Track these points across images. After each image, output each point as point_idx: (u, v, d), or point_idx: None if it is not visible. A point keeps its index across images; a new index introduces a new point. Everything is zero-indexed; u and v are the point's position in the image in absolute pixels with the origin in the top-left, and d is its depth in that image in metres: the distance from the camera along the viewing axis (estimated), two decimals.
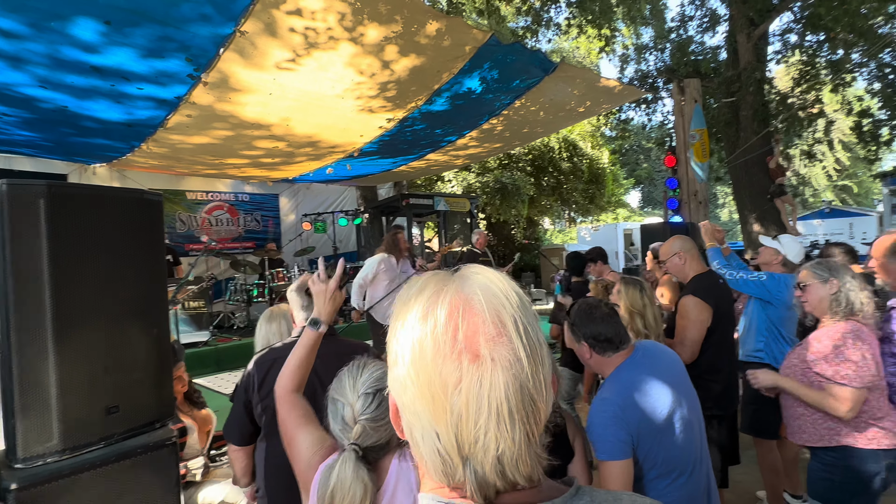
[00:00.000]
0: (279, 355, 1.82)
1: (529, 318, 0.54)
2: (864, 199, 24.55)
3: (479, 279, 0.55)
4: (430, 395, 0.51)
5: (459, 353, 0.50)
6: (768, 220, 8.72)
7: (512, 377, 0.50)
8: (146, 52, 3.58)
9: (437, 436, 0.51)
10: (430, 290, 0.55)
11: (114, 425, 1.67)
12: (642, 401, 1.60)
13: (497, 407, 0.49)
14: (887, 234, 2.33)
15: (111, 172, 7.04)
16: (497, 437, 0.49)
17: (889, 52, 7.93)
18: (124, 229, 1.71)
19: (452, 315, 0.52)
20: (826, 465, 2.02)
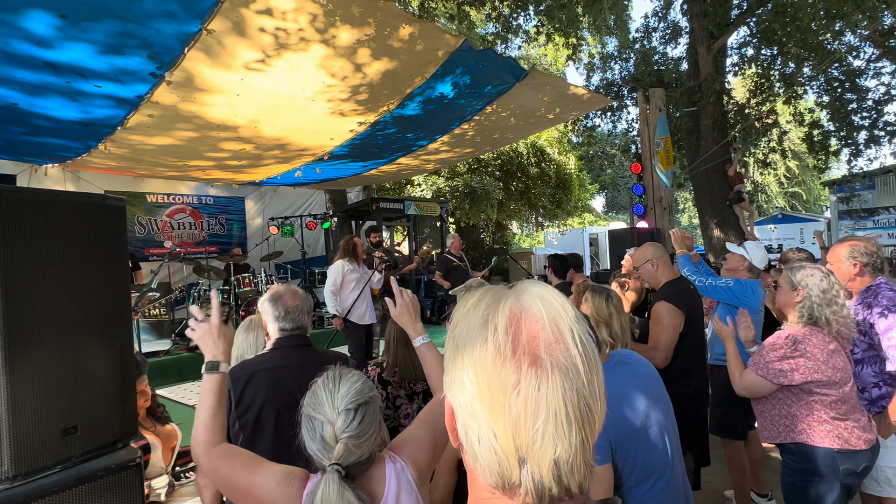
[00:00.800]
0: (257, 368, 1.75)
1: (584, 330, 0.55)
2: (812, 206, 25.88)
3: (537, 290, 0.57)
4: (490, 395, 0.51)
5: (519, 356, 0.51)
6: (727, 225, 9.05)
7: (569, 382, 0.51)
8: (105, 48, 3.41)
9: (495, 435, 0.51)
10: (489, 299, 0.57)
11: (72, 447, 1.56)
12: (617, 406, 1.60)
13: (555, 410, 0.50)
14: (840, 241, 2.47)
15: (64, 173, 6.69)
16: (555, 438, 0.50)
17: (837, 68, 8.38)
18: (84, 237, 1.60)
19: (513, 320, 0.53)
20: (789, 469, 2.11)
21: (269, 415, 1.71)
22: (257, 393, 1.71)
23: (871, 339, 2.24)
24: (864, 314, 2.28)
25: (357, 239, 5.30)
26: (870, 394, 2.29)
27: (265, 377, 1.73)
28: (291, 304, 1.80)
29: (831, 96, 8.64)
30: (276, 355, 1.78)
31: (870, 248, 2.34)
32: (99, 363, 1.64)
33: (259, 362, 1.77)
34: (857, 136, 8.44)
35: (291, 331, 1.80)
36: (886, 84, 8.36)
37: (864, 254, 2.32)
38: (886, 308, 2.19)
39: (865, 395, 2.29)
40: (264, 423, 1.70)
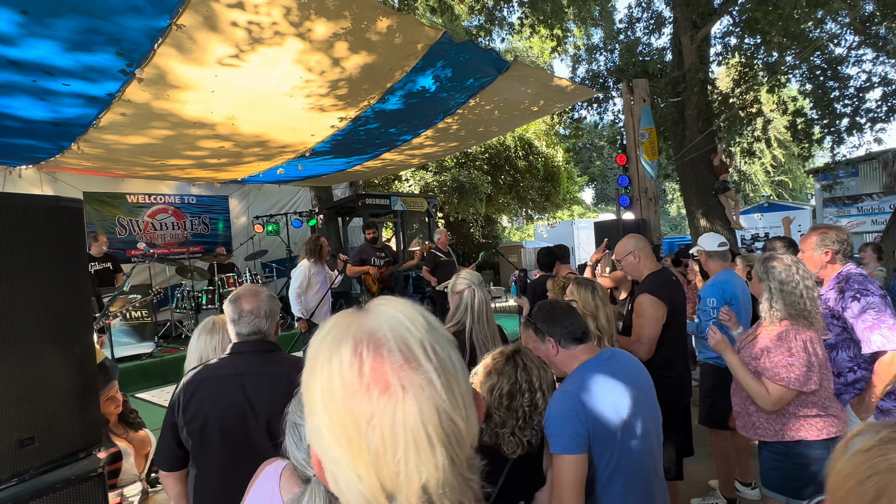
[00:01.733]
0: (208, 375, 1.70)
1: (438, 339, 0.53)
2: (798, 194, 26.13)
3: (384, 310, 0.55)
4: (346, 437, 0.49)
5: (368, 387, 0.49)
6: (713, 215, 9.09)
7: (426, 401, 0.49)
8: (71, 45, 3.30)
9: (359, 478, 0.48)
10: (335, 330, 0.54)
11: (29, 459, 1.50)
12: (602, 399, 1.60)
13: (414, 435, 0.48)
14: (810, 230, 2.51)
15: (40, 175, 6.54)
16: (418, 465, 0.48)
17: (819, 56, 8.42)
18: (35, 241, 1.53)
19: (357, 350, 0.51)
20: (778, 455, 2.09)
21: (214, 426, 1.66)
22: (203, 402, 1.66)
23: (844, 324, 2.27)
24: (836, 298, 2.31)
25: (323, 239, 5.33)
26: (845, 378, 2.32)
27: (213, 386, 1.67)
28: (248, 307, 1.72)
29: (814, 84, 8.68)
30: (229, 362, 1.72)
31: (840, 236, 2.38)
32: (56, 372, 1.58)
33: (211, 369, 1.71)
34: (840, 124, 8.49)
35: (247, 336, 1.73)
36: (867, 71, 8.42)
37: (836, 241, 2.37)
38: (858, 292, 2.23)
39: (841, 380, 2.32)
40: (209, 433, 1.66)
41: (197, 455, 1.68)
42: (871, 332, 2.17)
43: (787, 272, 2.09)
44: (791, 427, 2.04)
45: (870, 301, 2.19)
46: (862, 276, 2.31)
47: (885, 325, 2.14)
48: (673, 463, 2.64)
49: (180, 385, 1.71)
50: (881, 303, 2.18)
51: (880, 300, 2.19)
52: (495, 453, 1.54)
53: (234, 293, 1.78)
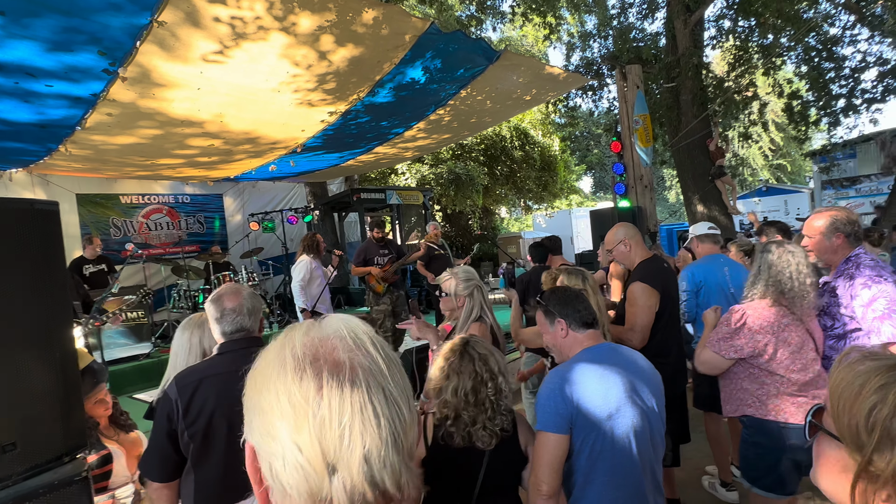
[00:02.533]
0: (205, 374, 1.68)
1: (384, 343, 0.56)
2: (797, 177, 26.05)
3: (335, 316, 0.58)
4: (291, 408, 0.49)
5: (320, 365, 0.50)
6: (710, 200, 9.05)
7: (373, 380, 0.50)
8: (52, 45, 3.26)
9: (300, 449, 0.47)
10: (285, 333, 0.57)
11: (11, 465, 1.48)
12: (590, 385, 1.59)
13: (360, 405, 0.49)
14: (817, 213, 2.40)
15: (31, 178, 6.50)
16: (362, 433, 0.48)
17: (813, 37, 8.34)
18: (10, 244, 1.51)
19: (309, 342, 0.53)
20: (743, 441, 2.17)
21: (220, 423, 1.63)
22: (206, 401, 1.63)
23: (851, 313, 2.17)
24: (845, 285, 2.21)
25: (319, 236, 5.49)
26: None
27: (214, 383, 1.64)
28: (230, 306, 1.71)
29: (809, 66, 8.60)
30: (222, 360, 1.70)
31: (851, 218, 2.27)
32: (36, 376, 1.57)
33: (205, 368, 1.69)
34: (836, 105, 8.43)
35: (232, 334, 1.71)
36: (863, 51, 8.33)
37: (847, 223, 2.25)
38: (870, 278, 2.12)
39: None
40: (215, 431, 1.63)
41: (199, 458, 1.64)
42: (882, 321, 2.07)
43: (780, 255, 2.09)
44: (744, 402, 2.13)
45: (882, 289, 2.08)
46: (874, 260, 2.19)
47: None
48: (669, 450, 2.63)
49: (170, 390, 1.66)
50: (894, 290, 2.07)
51: (893, 287, 2.08)
52: (470, 450, 1.53)
53: (215, 292, 1.76)
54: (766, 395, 2.05)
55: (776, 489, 2.05)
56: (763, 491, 2.07)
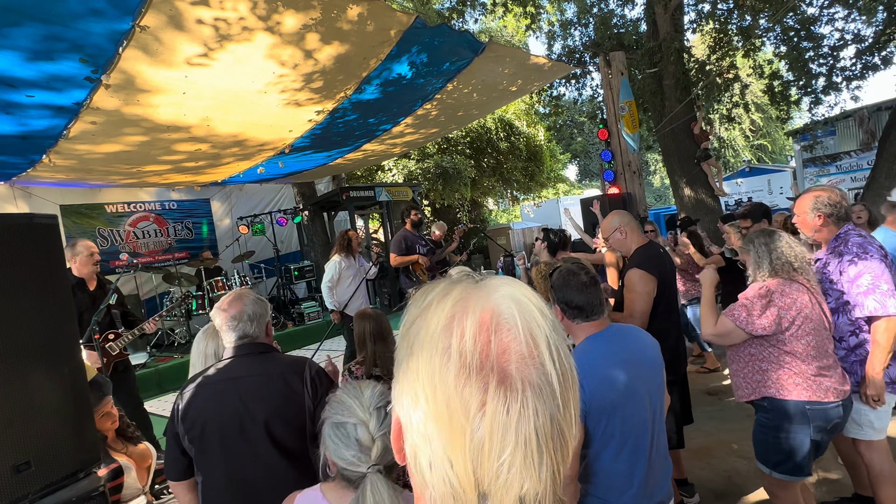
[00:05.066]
0: (204, 382, 1.69)
1: (561, 341, 0.48)
2: (778, 156, 26.39)
3: (510, 290, 0.48)
4: (448, 416, 0.43)
5: (487, 372, 0.43)
6: (697, 183, 9.15)
7: (542, 405, 0.44)
8: (32, 54, 3.18)
9: (451, 464, 0.43)
10: (456, 295, 0.48)
11: (26, 484, 1.47)
12: (600, 373, 1.63)
13: (525, 438, 0.43)
14: (805, 192, 2.47)
15: (13, 191, 6.36)
16: (522, 472, 0.43)
17: (792, 17, 8.43)
18: (11, 261, 1.49)
19: (483, 327, 0.45)
20: (762, 427, 2.15)
21: (213, 433, 1.66)
22: (201, 409, 1.66)
23: (842, 288, 2.25)
24: (835, 262, 2.28)
25: (352, 233, 5.34)
26: (847, 343, 2.30)
27: (208, 392, 1.67)
28: (231, 313, 1.72)
29: (788, 46, 8.70)
30: (223, 368, 1.72)
31: (833, 198, 2.32)
32: (46, 393, 1.55)
33: (207, 376, 1.71)
34: (816, 84, 8.54)
35: (237, 341, 1.73)
36: (840, 29, 8.44)
37: (828, 204, 2.31)
38: (856, 255, 2.19)
39: (843, 345, 2.31)
40: (208, 440, 1.65)
41: (199, 462, 1.68)
42: (866, 296, 2.14)
43: (769, 237, 2.16)
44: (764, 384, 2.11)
45: (867, 265, 2.14)
46: (861, 237, 2.25)
47: (880, 290, 2.11)
48: (673, 432, 2.68)
49: (179, 394, 1.71)
50: (879, 266, 2.13)
51: (879, 263, 2.14)
52: None
53: (219, 301, 1.75)
54: (786, 375, 2.05)
55: (798, 472, 2.05)
56: (785, 475, 2.07)
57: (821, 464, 3.10)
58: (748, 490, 2.94)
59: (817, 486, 2.92)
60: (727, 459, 3.33)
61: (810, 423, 2.02)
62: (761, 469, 2.17)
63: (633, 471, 1.64)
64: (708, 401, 4.24)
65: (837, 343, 2.30)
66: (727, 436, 3.58)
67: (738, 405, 3.43)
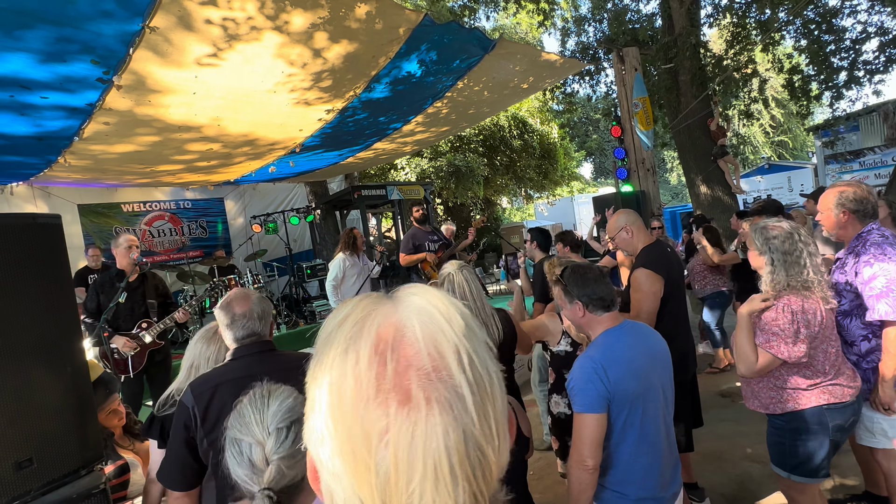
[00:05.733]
0: (220, 381, 1.66)
1: (477, 347, 0.44)
2: (799, 153, 25.81)
3: (416, 301, 0.45)
4: (351, 450, 0.41)
5: (386, 394, 0.40)
6: (713, 181, 8.99)
7: (452, 422, 0.40)
8: (45, 56, 3.24)
9: (361, 502, 0.41)
10: (355, 316, 0.45)
11: (28, 481, 1.49)
12: (622, 365, 1.70)
13: (434, 462, 0.39)
14: (829, 188, 2.37)
15: (32, 191, 6.50)
16: (435, 499, 0.39)
17: (812, 9, 8.22)
18: (14, 260, 1.50)
19: (379, 347, 0.42)
20: (777, 430, 2.08)
21: None
22: (224, 406, 1.61)
23: (856, 290, 2.15)
24: (852, 263, 2.19)
25: (357, 231, 5.27)
26: (859, 347, 2.20)
27: (230, 388, 1.62)
28: (239, 311, 1.71)
29: (809, 39, 8.48)
30: (237, 365, 1.69)
31: (858, 194, 2.20)
32: (50, 390, 1.57)
33: (221, 374, 1.68)
34: (837, 78, 8.32)
35: (243, 339, 1.71)
36: (863, 22, 8.21)
37: (853, 200, 2.20)
38: (873, 256, 2.09)
39: (855, 350, 2.21)
40: None
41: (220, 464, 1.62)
42: (878, 300, 2.05)
43: (790, 241, 1.99)
44: (786, 399, 2.02)
45: (883, 267, 2.05)
46: (883, 237, 2.13)
47: (893, 294, 2.01)
48: (682, 434, 2.62)
49: (186, 399, 1.64)
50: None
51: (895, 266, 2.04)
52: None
53: (224, 298, 1.75)
54: (803, 386, 1.98)
55: (817, 473, 2.00)
56: (804, 477, 2.01)
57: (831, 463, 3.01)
58: (762, 495, 2.86)
59: (830, 489, 2.84)
60: (740, 464, 3.25)
61: (829, 424, 1.96)
62: (778, 473, 2.11)
63: (652, 463, 1.70)
64: (721, 403, 4.15)
65: (849, 348, 2.21)
66: (740, 439, 3.50)
67: (750, 410, 3.35)
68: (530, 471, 3.55)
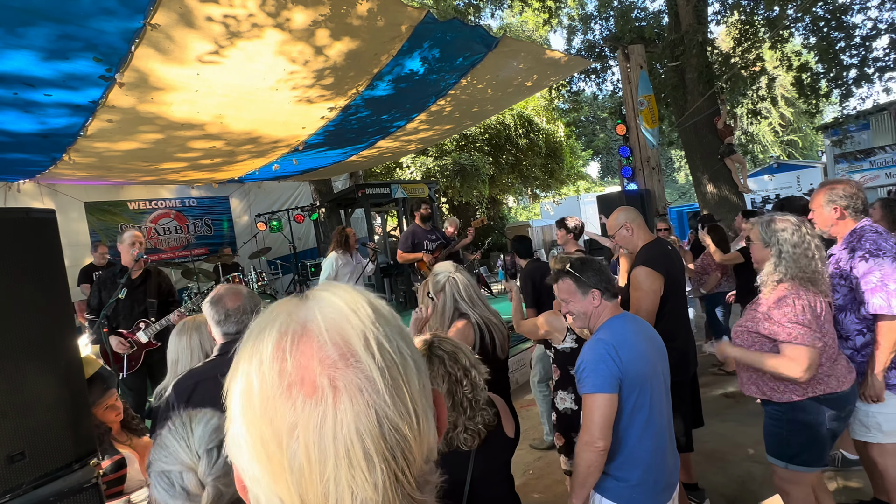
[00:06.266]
0: (202, 378, 1.67)
1: (387, 331, 0.45)
2: (809, 152, 25.53)
3: (322, 296, 0.47)
4: (265, 451, 0.41)
5: (289, 388, 0.41)
6: (720, 179, 8.90)
7: (363, 406, 0.41)
8: (48, 53, 3.26)
9: (281, 501, 0.41)
10: (262, 322, 0.46)
11: (21, 474, 1.49)
12: (633, 347, 1.75)
13: (346, 448, 0.40)
14: (821, 186, 2.39)
15: (39, 188, 6.56)
16: (352, 485, 0.40)
17: (821, 6, 8.11)
18: (8, 254, 1.51)
19: (280, 344, 0.43)
20: (774, 420, 2.08)
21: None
22: (203, 402, 1.63)
23: (851, 284, 2.17)
24: (847, 258, 2.21)
25: (349, 230, 5.28)
26: (854, 342, 2.22)
27: (210, 387, 1.64)
28: (232, 306, 1.71)
29: (818, 37, 8.38)
30: (220, 362, 1.70)
31: (848, 191, 2.23)
32: (43, 385, 1.57)
33: (203, 371, 1.69)
34: (847, 76, 8.21)
35: (234, 335, 1.71)
36: (873, 19, 8.09)
37: (843, 197, 2.23)
38: (868, 252, 2.11)
39: (850, 344, 2.23)
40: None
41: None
42: (873, 294, 2.08)
43: (798, 234, 1.98)
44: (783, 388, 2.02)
45: (878, 262, 2.08)
46: (877, 233, 2.17)
47: (887, 289, 2.05)
48: (682, 434, 2.59)
49: (170, 396, 1.66)
50: (891, 266, 2.06)
51: (891, 262, 2.06)
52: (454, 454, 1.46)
53: (213, 295, 1.75)
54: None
55: (815, 463, 2.01)
56: (801, 467, 2.02)
57: (841, 470, 2.97)
58: (763, 496, 2.83)
59: (836, 493, 2.80)
60: (742, 464, 3.22)
61: (826, 413, 1.96)
62: (774, 463, 2.10)
63: (657, 446, 1.74)
64: (725, 404, 4.11)
65: (844, 342, 2.22)
66: (743, 440, 3.46)
67: (756, 409, 3.31)
68: (530, 470, 3.53)
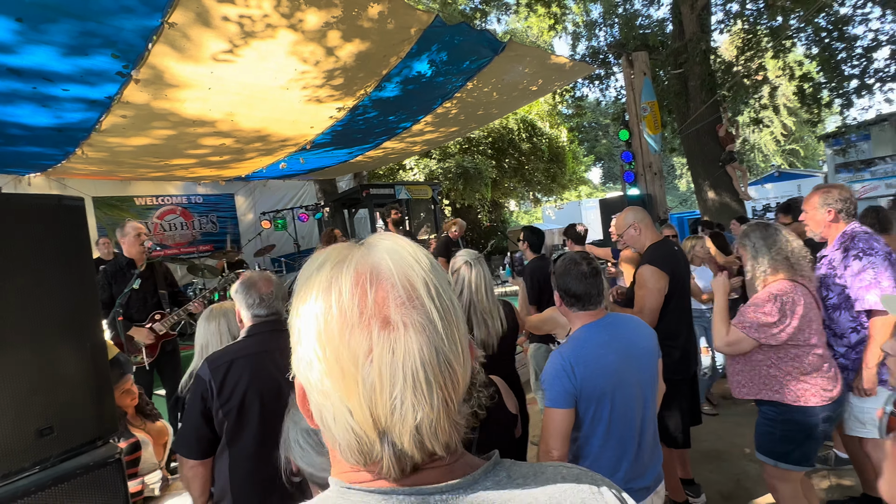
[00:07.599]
0: (236, 356, 1.75)
1: (441, 281, 0.52)
2: (810, 161, 25.63)
3: (386, 244, 0.53)
4: (340, 369, 0.48)
5: (369, 320, 0.48)
6: (721, 187, 8.98)
7: (426, 341, 0.48)
8: (68, 49, 3.34)
9: (350, 412, 0.48)
10: (334, 260, 0.52)
11: (48, 447, 1.56)
12: (592, 362, 1.69)
13: (413, 373, 0.47)
14: (813, 190, 2.49)
15: (49, 182, 6.64)
16: (414, 404, 0.47)
17: (824, 17, 8.21)
18: (41, 239, 1.58)
19: (359, 281, 0.49)
20: (768, 420, 2.14)
21: (253, 400, 1.71)
22: (239, 379, 1.71)
23: (845, 283, 2.26)
24: (840, 258, 2.30)
25: (337, 231, 5.43)
26: (848, 339, 2.30)
27: (245, 363, 1.73)
28: (265, 291, 1.80)
29: (820, 47, 8.47)
30: (252, 342, 1.78)
31: (843, 195, 2.35)
32: (70, 364, 1.64)
33: (237, 349, 1.77)
34: (848, 86, 8.30)
35: (266, 317, 1.81)
36: (874, 30, 8.19)
37: (838, 200, 2.34)
38: (862, 250, 2.21)
39: (844, 341, 2.30)
40: (248, 408, 1.71)
41: (233, 434, 1.71)
42: (867, 290, 2.17)
43: (762, 228, 2.18)
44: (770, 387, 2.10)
45: (872, 260, 2.17)
46: (867, 234, 2.28)
47: (881, 286, 2.13)
48: (679, 431, 2.66)
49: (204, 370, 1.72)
50: (883, 264, 2.16)
51: (882, 260, 2.17)
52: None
53: (245, 280, 1.82)
54: (791, 379, 2.06)
55: (804, 461, 2.08)
56: (791, 465, 2.09)
57: (834, 469, 3.03)
58: (757, 494, 2.89)
59: (828, 491, 2.86)
60: (738, 463, 3.28)
61: (819, 416, 2.02)
62: (763, 460, 2.17)
63: (620, 456, 1.71)
64: (724, 404, 4.17)
65: (838, 339, 2.29)
66: (740, 440, 3.52)
67: (754, 410, 3.38)
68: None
